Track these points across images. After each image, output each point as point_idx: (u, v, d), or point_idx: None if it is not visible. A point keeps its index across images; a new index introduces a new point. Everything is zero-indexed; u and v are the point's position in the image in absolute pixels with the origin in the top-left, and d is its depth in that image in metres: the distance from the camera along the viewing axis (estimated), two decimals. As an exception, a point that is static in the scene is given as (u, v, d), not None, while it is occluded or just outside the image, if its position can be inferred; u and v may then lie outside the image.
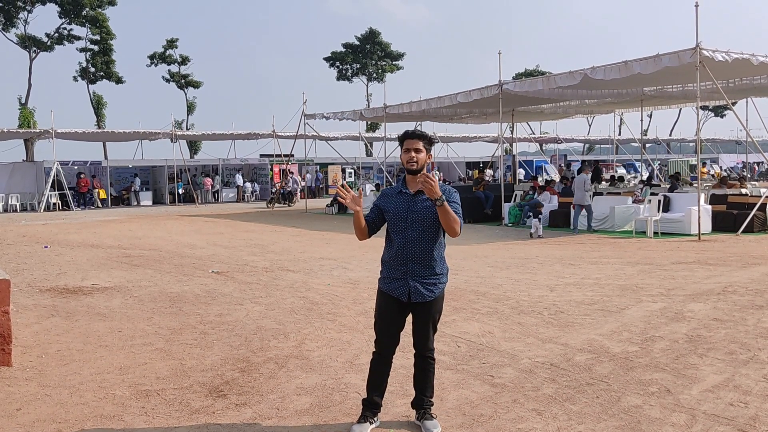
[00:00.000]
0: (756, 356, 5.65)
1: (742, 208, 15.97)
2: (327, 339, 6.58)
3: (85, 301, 8.82)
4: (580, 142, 57.32)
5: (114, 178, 36.27)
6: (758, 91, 20.63)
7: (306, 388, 5.09)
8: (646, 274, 10.00)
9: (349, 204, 4.19)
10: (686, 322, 6.90)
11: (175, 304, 8.44)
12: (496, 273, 10.51)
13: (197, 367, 5.70)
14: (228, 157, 41.11)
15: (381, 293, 4.30)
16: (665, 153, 52.94)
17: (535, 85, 18.92)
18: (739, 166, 47.28)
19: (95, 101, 52.28)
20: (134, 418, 4.57)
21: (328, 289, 9.30)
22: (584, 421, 4.32)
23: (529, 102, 23.14)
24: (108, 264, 12.38)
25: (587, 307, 7.79)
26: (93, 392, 5.11)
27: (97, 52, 51.28)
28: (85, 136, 35.34)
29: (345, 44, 63.92)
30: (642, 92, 21.62)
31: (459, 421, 4.39)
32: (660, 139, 52.38)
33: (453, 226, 4.03)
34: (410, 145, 4.18)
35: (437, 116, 27.95)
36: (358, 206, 4.15)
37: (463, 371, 5.45)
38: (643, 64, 15.04)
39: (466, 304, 8.05)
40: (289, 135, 34.73)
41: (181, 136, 37.73)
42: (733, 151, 55.57)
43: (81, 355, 6.19)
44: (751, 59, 14.75)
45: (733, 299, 7.99)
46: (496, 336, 6.56)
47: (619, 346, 6.06)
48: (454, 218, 4.01)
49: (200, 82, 58.23)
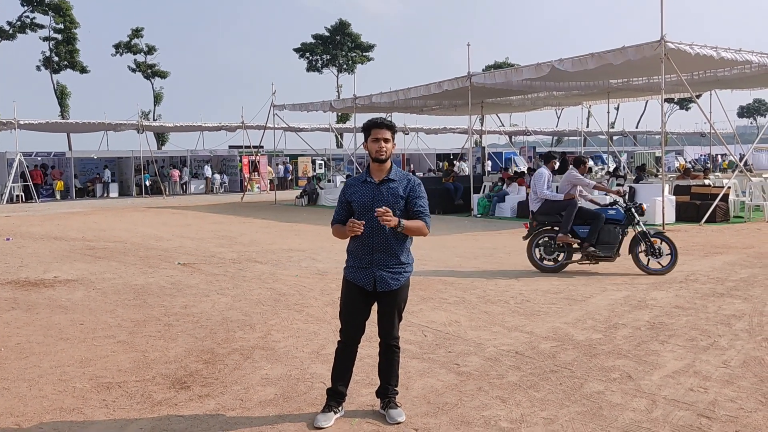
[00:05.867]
0: (716, 342, 5.76)
1: (705, 199, 16.26)
2: (293, 330, 6.54)
3: (47, 293, 8.65)
4: (549, 135, 57.85)
5: (79, 169, 35.58)
6: (722, 83, 21.00)
7: (271, 379, 5.06)
8: (610, 263, 10.12)
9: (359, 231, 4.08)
10: (649, 310, 7.01)
11: (140, 296, 8.32)
12: (464, 263, 10.55)
13: (160, 359, 5.62)
14: (196, 149, 40.60)
15: (346, 282, 4.29)
16: (632, 145, 53.72)
17: (504, 76, 19.04)
18: (703, 158, 48.17)
19: (59, 91, 51.25)
20: (94, 410, 4.49)
21: (295, 280, 9.25)
22: (547, 408, 4.36)
23: (498, 94, 23.26)
24: (71, 256, 12.16)
25: (553, 296, 7.87)
26: (52, 385, 5.02)
27: (60, 41, 50.27)
28: (48, 126, 34.59)
29: (315, 35, 63.48)
30: (608, 84, 21.88)
31: (424, 409, 4.39)
32: (627, 131, 53.15)
33: (420, 234, 4.20)
34: (379, 134, 4.17)
35: (407, 107, 27.95)
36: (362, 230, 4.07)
37: (429, 360, 5.46)
38: (609, 56, 15.21)
39: (434, 294, 8.07)
40: (258, 126, 34.43)
41: (147, 127, 37.15)
42: (697, 143, 56.57)
43: (41, 348, 6.06)
44: (713, 54, 14.98)
45: (695, 287, 8.14)
46: (463, 325, 6.59)
47: (583, 334, 6.13)
48: (419, 230, 4.16)
49: (167, 72, 57.46)
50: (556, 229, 9.54)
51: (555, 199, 9.75)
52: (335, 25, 62.68)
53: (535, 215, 9.90)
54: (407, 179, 4.25)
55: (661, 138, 17.57)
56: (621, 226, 9.43)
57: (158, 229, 17.43)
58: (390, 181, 4.19)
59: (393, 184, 4.18)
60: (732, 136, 32.69)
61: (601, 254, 9.34)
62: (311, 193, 27.16)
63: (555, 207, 9.67)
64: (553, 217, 9.65)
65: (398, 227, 4.04)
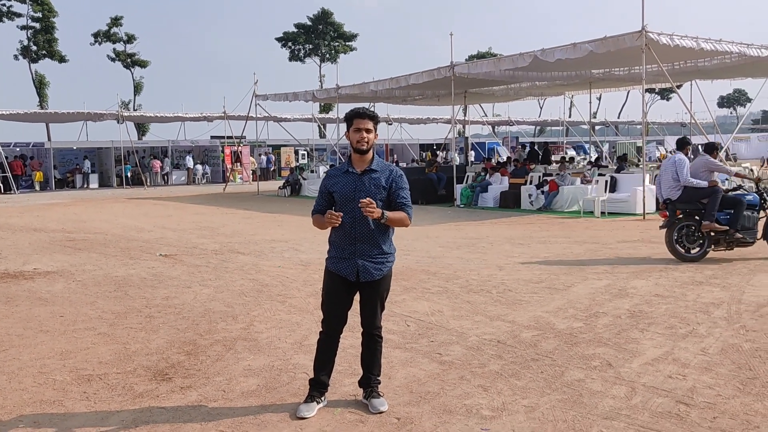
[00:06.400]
0: (695, 330, 5.83)
1: (685, 188, 16.38)
2: (276, 320, 6.53)
3: (26, 285, 8.56)
4: (532, 125, 58.10)
5: (58, 160, 35.15)
6: (702, 73, 21.17)
7: (253, 370, 5.05)
8: (592, 253, 10.22)
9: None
10: (629, 299, 7.08)
11: (120, 288, 8.26)
12: (447, 253, 10.59)
13: (142, 351, 5.59)
14: (178, 139, 40.25)
15: (329, 273, 4.28)
16: (614, 135, 54.06)
17: (487, 66, 19.06)
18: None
19: (37, 81, 50.55)
20: (75, 403, 4.46)
21: (278, 271, 9.23)
22: (528, 396, 4.40)
23: (480, 84, 23.28)
24: (51, 248, 12.03)
25: (535, 285, 7.92)
26: (32, 378, 4.97)
27: (38, 29, 49.54)
28: (27, 117, 34.15)
29: (297, 24, 63.14)
30: (590, 75, 21.98)
31: (406, 398, 4.41)
32: (608, 121, 53.45)
33: (402, 225, 4.22)
34: (361, 124, 4.15)
35: (390, 97, 27.88)
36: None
37: (412, 350, 5.48)
38: (591, 46, 15.28)
39: (417, 284, 8.09)
40: (240, 116, 34.20)
41: (128, 118, 36.78)
42: (678, 133, 56.98)
43: (20, 340, 6.00)
44: (693, 45, 15.09)
45: (674, 276, 8.23)
46: (446, 315, 6.61)
47: (565, 323, 6.18)
48: (401, 221, 4.16)
49: (147, 62, 56.88)
50: (696, 218, 9.30)
51: (700, 186, 9.41)
52: (317, 14, 62.35)
53: (674, 204, 9.52)
54: (389, 170, 4.25)
55: (642, 128, 17.69)
56: (756, 210, 9.36)
57: (139, 220, 17.29)
58: (372, 171, 4.18)
59: (375, 175, 4.17)
60: (712, 126, 32.97)
61: (748, 239, 9.24)
62: (294, 183, 27.08)
63: (697, 194, 9.39)
64: (694, 204, 9.39)
65: (381, 219, 4.04)
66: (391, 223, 4.14)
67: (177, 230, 14.74)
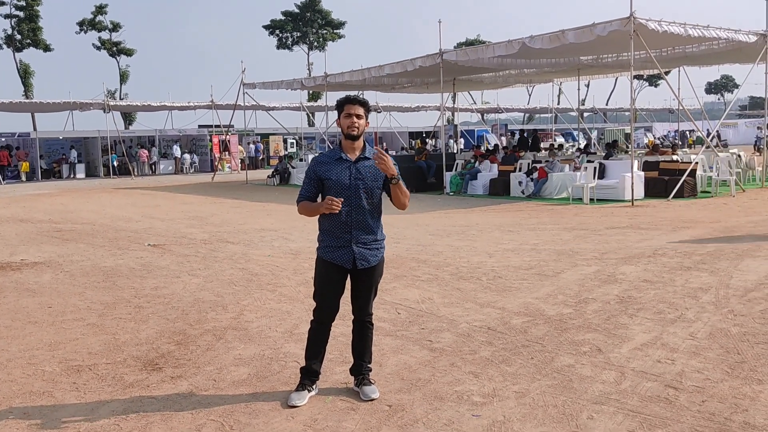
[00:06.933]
0: (683, 315, 5.87)
1: (673, 174, 16.49)
2: (266, 309, 6.52)
3: (14, 276, 8.49)
4: (521, 112, 58.06)
5: (44, 150, 34.82)
6: (690, 59, 21.23)
7: (244, 359, 5.04)
8: (581, 239, 10.26)
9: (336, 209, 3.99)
10: (618, 284, 7.11)
11: (109, 278, 8.21)
12: (437, 241, 10.59)
13: (131, 342, 5.56)
14: (165, 128, 39.95)
15: (323, 262, 4.23)
16: (602, 122, 54.17)
17: (475, 53, 18.98)
18: (672, 134, 48.79)
19: (22, 70, 49.94)
20: (65, 393, 4.44)
21: (268, 260, 9.21)
22: (519, 382, 4.42)
23: (469, 71, 23.20)
24: (38, 239, 11.94)
25: (524, 271, 7.94)
26: (21, 369, 4.94)
27: (23, 18, 48.87)
28: (12, 106, 33.75)
29: (285, 12, 62.64)
30: (579, 61, 21.97)
31: (397, 385, 4.42)
32: (597, 108, 53.54)
33: (404, 201, 4.18)
34: (351, 110, 4.11)
35: (379, 85, 27.75)
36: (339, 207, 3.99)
37: (403, 337, 5.49)
38: (579, 33, 15.26)
39: (407, 272, 8.10)
40: (228, 105, 33.97)
41: (114, 107, 36.40)
42: (666, 119, 57.24)
43: (9, 331, 5.96)
44: (681, 32, 15.10)
45: (663, 261, 8.28)
46: (436, 302, 6.62)
47: (554, 309, 6.21)
48: (406, 193, 4.14)
49: (133, 50, 56.22)
50: None
51: None
52: (305, 1, 61.84)
53: None
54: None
55: (631, 114, 17.73)
56: None
57: (127, 210, 17.19)
58: (366, 159, 4.15)
59: (369, 163, 4.14)
60: (700, 112, 33.09)
61: None
62: (283, 172, 26.96)
63: None
64: None
65: (395, 179, 4.03)
66: (399, 189, 4.10)
67: (165, 220, 14.66)
